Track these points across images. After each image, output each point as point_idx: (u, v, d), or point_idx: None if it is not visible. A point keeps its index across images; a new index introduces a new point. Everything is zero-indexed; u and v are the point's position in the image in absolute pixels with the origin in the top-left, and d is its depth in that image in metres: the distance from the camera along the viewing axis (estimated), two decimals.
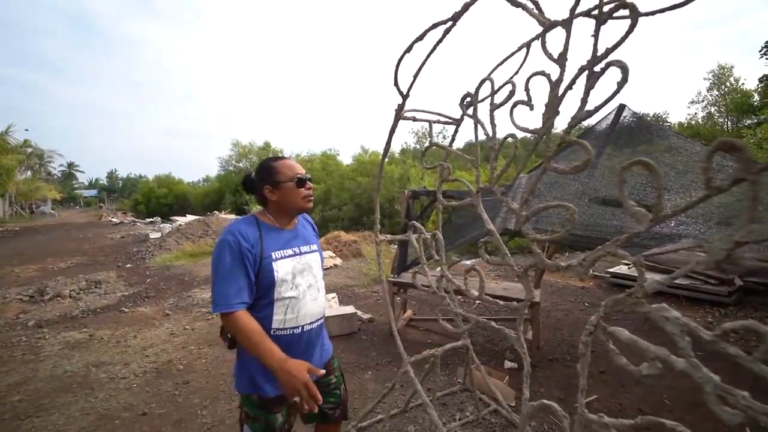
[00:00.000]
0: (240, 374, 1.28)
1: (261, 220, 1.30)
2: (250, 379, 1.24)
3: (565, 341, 3.54)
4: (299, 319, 1.28)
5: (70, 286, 5.70)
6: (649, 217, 0.99)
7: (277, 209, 1.32)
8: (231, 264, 1.17)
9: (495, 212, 2.72)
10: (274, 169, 1.29)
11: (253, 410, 1.26)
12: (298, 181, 1.28)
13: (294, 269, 1.29)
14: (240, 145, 26.11)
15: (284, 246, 1.29)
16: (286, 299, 1.25)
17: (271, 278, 1.22)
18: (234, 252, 1.18)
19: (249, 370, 1.25)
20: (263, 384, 1.23)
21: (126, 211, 30.51)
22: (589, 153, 1.11)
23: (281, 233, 1.31)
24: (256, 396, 1.25)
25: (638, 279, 1.02)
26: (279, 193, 1.28)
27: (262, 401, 1.24)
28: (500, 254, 1.55)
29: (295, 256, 1.30)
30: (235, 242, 1.18)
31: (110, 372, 3.00)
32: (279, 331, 1.24)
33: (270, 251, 1.24)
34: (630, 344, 1.01)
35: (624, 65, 1.04)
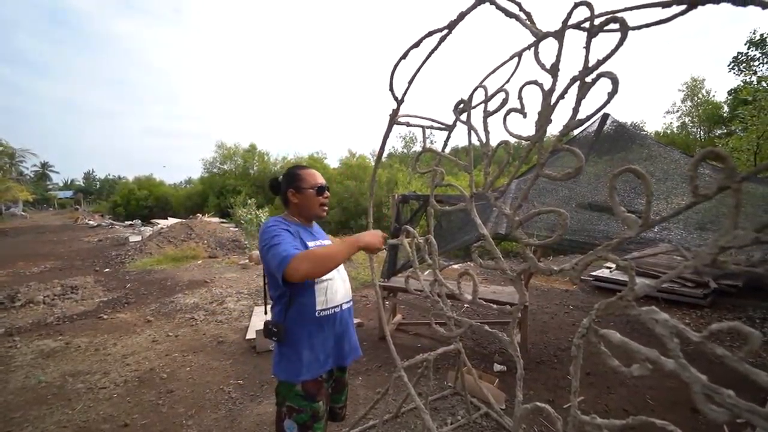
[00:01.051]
0: (282, 364, 1.36)
1: (287, 221, 1.44)
2: (298, 364, 1.32)
3: (551, 344, 3.61)
4: (337, 299, 1.43)
5: (44, 292, 5.45)
6: (639, 223, 1.02)
7: (297, 211, 1.49)
8: (284, 234, 1.30)
9: (485, 217, 2.76)
10: (299, 176, 1.47)
11: (298, 402, 1.33)
12: (318, 189, 1.47)
13: None
14: (225, 147, 25.63)
15: (311, 238, 1.47)
16: (324, 282, 1.39)
17: None
18: (282, 229, 1.32)
19: (297, 354, 1.33)
20: (314, 366, 1.34)
21: (104, 213, 29.44)
22: (581, 160, 1.15)
23: (306, 229, 1.49)
24: (300, 386, 1.32)
25: (629, 283, 1.05)
26: (300, 197, 1.46)
27: (307, 389, 1.33)
28: (493, 259, 1.57)
29: (322, 246, 1.46)
30: (277, 225, 1.34)
31: (88, 382, 2.88)
32: (323, 312, 1.38)
33: (306, 240, 1.40)
34: (621, 346, 1.04)
35: (614, 77, 1.08)
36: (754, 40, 10.85)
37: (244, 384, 2.82)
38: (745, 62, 11.11)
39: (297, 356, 1.33)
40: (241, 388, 2.76)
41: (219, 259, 8.53)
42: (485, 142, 1.55)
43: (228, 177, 24.17)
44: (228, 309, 4.72)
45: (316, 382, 1.35)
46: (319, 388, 1.36)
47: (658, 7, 1.05)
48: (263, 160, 25.23)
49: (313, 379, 1.34)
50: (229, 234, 11.10)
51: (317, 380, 1.36)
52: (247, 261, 7.96)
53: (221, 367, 3.11)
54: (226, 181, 23.66)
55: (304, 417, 1.32)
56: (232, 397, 2.62)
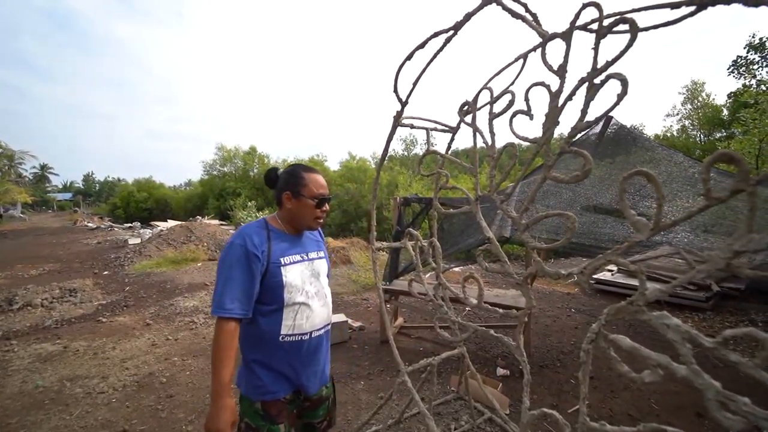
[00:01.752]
0: (244, 378, 1.25)
1: (271, 225, 1.29)
2: (258, 383, 1.21)
3: (554, 347, 3.58)
4: (308, 325, 1.26)
5: (42, 295, 5.41)
6: (650, 227, 1.01)
7: (288, 217, 1.32)
8: (235, 268, 1.15)
9: (489, 220, 2.75)
10: (301, 179, 1.29)
11: (256, 421, 1.20)
12: (318, 201, 1.30)
13: (303, 275, 1.28)
14: (225, 149, 25.62)
15: (292, 251, 1.28)
16: (295, 305, 1.24)
17: (278, 282, 1.21)
18: (240, 257, 1.16)
19: (257, 373, 1.21)
20: (274, 386, 1.22)
21: (103, 215, 29.38)
22: (589, 162, 1.13)
23: (289, 238, 1.31)
24: (259, 404, 1.21)
25: (639, 287, 1.03)
26: (295, 203, 1.29)
27: (267, 409, 1.21)
28: (499, 262, 1.55)
29: (303, 262, 1.30)
30: (242, 246, 1.17)
31: (87, 386, 2.84)
32: (287, 337, 1.23)
33: (278, 256, 1.23)
34: (632, 352, 1.02)
35: (624, 78, 1.06)
36: (753, 44, 10.90)
37: None
38: (744, 66, 11.15)
39: (256, 374, 1.22)
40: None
41: None
42: (491, 145, 1.53)
43: (228, 179, 24.15)
44: None
45: (276, 403, 1.22)
46: (280, 410, 1.23)
47: (667, 8, 1.04)
48: (263, 163, 25.21)
49: (275, 399, 1.22)
50: (229, 236, 11.07)
51: (278, 401, 1.23)
52: None
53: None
54: (226, 183, 23.65)
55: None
56: None
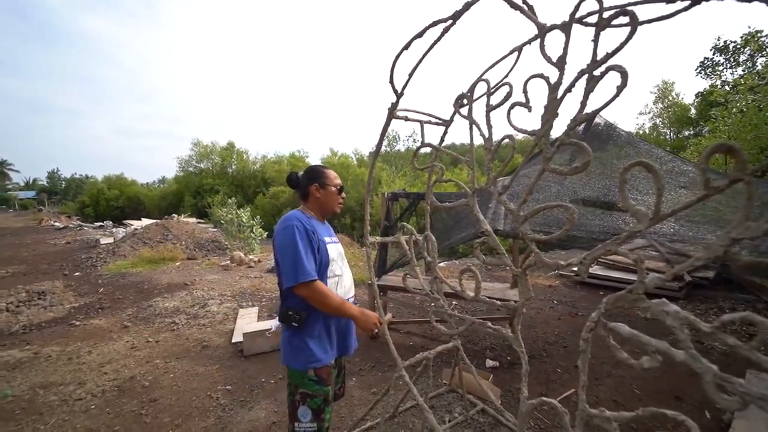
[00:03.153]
0: (294, 353, 1.43)
1: (306, 213, 1.54)
2: (311, 352, 1.41)
3: (539, 338, 3.67)
4: (345, 292, 1.54)
5: (7, 299, 5.08)
6: (649, 216, 1.03)
7: (317, 206, 1.58)
8: (303, 243, 1.39)
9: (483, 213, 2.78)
10: (324, 174, 1.59)
11: (311, 387, 1.42)
12: (340, 188, 1.62)
13: (336, 253, 1.56)
14: (201, 145, 24.79)
15: (327, 234, 1.57)
16: (336, 276, 1.51)
17: (326, 257, 1.47)
18: (303, 234, 1.40)
19: (312, 342, 1.42)
20: (324, 353, 1.45)
21: (71, 214, 27.86)
22: (588, 155, 1.15)
23: (322, 224, 1.58)
24: (312, 371, 1.41)
25: (638, 275, 1.06)
26: (324, 193, 1.57)
27: (320, 375, 1.42)
28: (496, 254, 1.56)
29: (334, 243, 1.58)
30: (301, 226, 1.41)
31: (62, 393, 2.69)
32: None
33: (323, 236, 1.50)
34: (631, 339, 1.04)
35: (624, 70, 1.08)
36: (718, 47, 11.48)
37: (233, 389, 2.71)
38: (711, 67, 11.74)
39: (310, 345, 1.42)
40: (230, 393, 2.65)
41: (198, 261, 8.23)
42: (488, 137, 1.53)
43: (205, 176, 23.42)
44: (211, 312, 4.55)
45: (326, 368, 1.45)
46: (329, 374, 1.47)
47: (662, 2, 1.06)
48: (242, 159, 24.59)
49: (325, 365, 1.44)
50: (209, 235, 10.75)
51: (327, 366, 1.46)
52: (229, 262, 7.72)
53: (207, 373, 2.98)
54: (203, 180, 22.92)
55: (318, 401, 1.42)
56: (221, 404, 2.51)
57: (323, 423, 1.43)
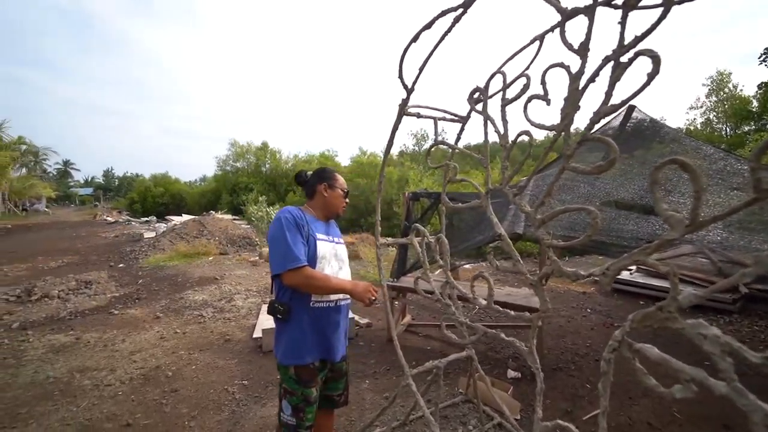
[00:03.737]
0: (278, 345, 1.48)
1: (305, 211, 1.57)
2: (292, 348, 1.43)
3: (568, 349, 3.44)
4: (332, 295, 1.50)
5: (59, 287, 5.54)
6: (686, 223, 0.89)
7: (322, 205, 1.62)
8: (291, 233, 1.41)
9: (501, 215, 2.62)
10: (334, 175, 1.66)
11: (291, 385, 1.44)
12: (346, 192, 1.68)
13: (330, 252, 1.54)
14: (237, 145, 25.91)
15: (323, 232, 1.57)
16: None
17: (314, 252, 1.46)
18: (291, 224, 1.43)
19: (292, 337, 1.44)
20: (304, 352, 1.44)
21: (121, 210, 30.15)
22: (614, 151, 1.02)
23: (320, 223, 1.60)
24: (292, 369, 1.43)
25: (671, 291, 0.91)
26: (331, 193, 1.62)
27: (299, 374, 1.43)
28: (511, 260, 1.44)
29: (330, 242, 1.57)
30: (290, 218, 1.45)
31: (95, 378, 2.86)
32: (317, 303, 1.47)
33: (315, 232, 1.51)
34: (661, 364, 0.91)
35: (656, 55, 0.94)
36: None
37: (249, 385, 2.75)
38: None
39: (290, 340, 1.44)
40: (245, 388, 2.70)
41: (230, 256, 8.57)
42: (503, 134, 1.42)
43: (241, 174, 24.44)
44: (236, 306, 4.69)
45: (307, 369, 1.44)
46: (311, 376, 1.45)
47: None
48: (275, 158, 25.41)
49: (304, 365, 1.43)
50: (241, 231, 11.16)
51: (308, 367, 1.44)
52: (257, 258, 7.96)
53: (226, 367, 3.06)
54: (238, 178, 23.93)
55: (296, 400, 1.42)
56: (236, 398, 2.56)
57: (302, 421, 1.42)
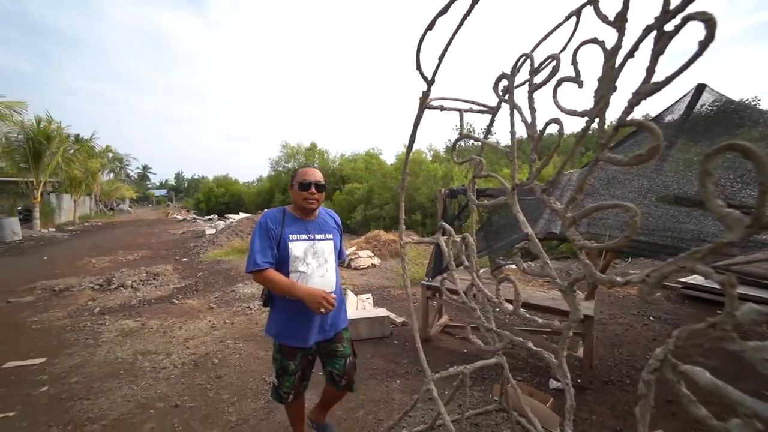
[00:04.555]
0: (270, 324, 1.74)
1: (287, 211, 1.74)
2: (276, 329, 1.70)
3: (624, 361, 3.09)
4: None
5: (132, 277, 6.25)
6: (746, 223, 0.73)
7: (293, 203, 1.77)
8: (261, 238, 1.61)
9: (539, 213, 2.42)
10: (294, 175, 1.76)
11: (275, 353, 1.74)
12: (299, 185, 1.70)
13: (306, 250, 1.68)
14: (288, 147, 27.20)
15: (300, 231, 1.69)
16: (297, 272, 1.64)
17: (286, 253, 1.63)
18: (262, 230, 1.63)
19: (276, 322, 1.70)
20: (285, 336, 1.69)
21: (189, 208, 33.31)
22: (657, 138, 0.87)
23: (300, 222, 1.72)
24: (277, 343, 1.72)
25: (727, 305, 0.76)
26: (292, 192, 1.76)
27: (281, 348, 1.70)
28: (541, 262, 1.31)
29: (308, 241, 1.69)
30: (264, 223, 1.65)
31: (154, 361, 3.17)
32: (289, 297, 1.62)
33: (288, 234, 1.66)
34: (714, 391, 0.75)
35: (710, 17, 0.79)
36: None
37: None
38: None
39: (274, 321, 1.72)
40: None
41: None
42: (530, 123, 1.29)
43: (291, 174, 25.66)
44: None
45: (287, 347, 1.69)
46: (291, 352, 1.69)
47: None
48: (323, 158, 26.26)
49: (284, 344, 1.69)
50: None
51: (288, 346, 1.69)
52: None
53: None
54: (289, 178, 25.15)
55: (277, 366, 1.72)
56: None
57: (281, 385, 1.72)
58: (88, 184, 19.75)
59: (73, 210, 19.61)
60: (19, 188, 14.56)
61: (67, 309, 4.74)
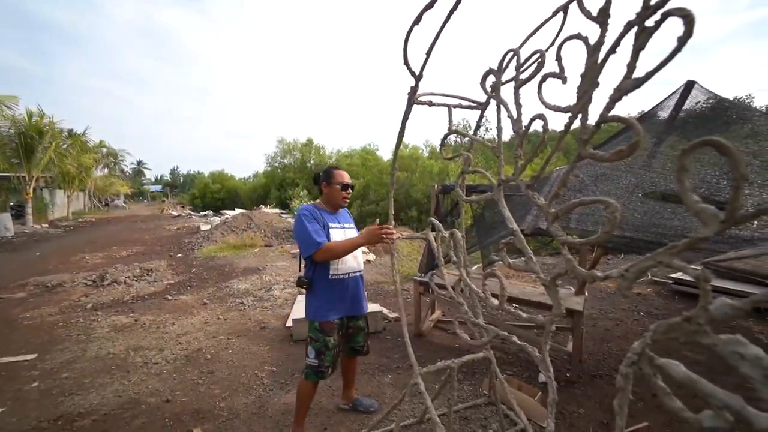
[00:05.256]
0: (310, 306, 1.95)
1: (319, 206, 2.01)
2: (317, 309, 1.92)
3: (612, 355, 3.13)
4: (346, 269, 1.97)
5: (126, 273, 6.21)
6: (720, 218, 0.74)
7: (327, 199, 2.03)
8: (310, 222, 1.85)
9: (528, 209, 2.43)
10: (332, 174, 2.00)
11: (315, 334, 1.92)
12: (342, 186, 2.00)
13: (341, 236, 1.96)
14: (285, 142, 27.03)
15: (333, 222, 1.99)
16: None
17: (328, 238, 1.88)
18: (309, 216, 1.88)
19: (317, 301, 1.92)
20: (327, 311, 1.92)
21: (184, 204, 33.08)
22: (638, 134, 0.88)
23: (331, 215, 2.02)
24: (317, 323, 1.91)
25: (701, 300, 0.77)
26: (329, 189, 2.00)
27: (322, 326, 1.91)
28: (526, 258, 1.32)
29: (341, 229, 2.00)
30: (307, 212, 1.91)
31: (146, 357, 3.17)
32: (334, 276, 1.94)
33: (328, 222, 1.94)
34: (688, 384, 0.77)
35: (688, 13, 0.79)
36: None
37: (277, 371, 2.87)
38: None
39: (316, 303, 1.93)
40: (273, 374, 2.82)
41: (273, 248, 9.02)
42: (516, 118, 1.29)
43: (288, 170, 25.50)
44: (274, 296, 4.92)
45: (329, 324, 1.92)
46: (331, 328, 1.93)
47: None
48: (319, 154, 26.15)
49: (326, 321, 1.91)
50: (285, 224, 11.69)
51: (330, 322, 1.92)
52: (298, 251, 8.29)
53: (259, 353, 3.22)
54: (286, 174, 25.00)
55: (319, 345, 1.91)
56: (264, 383, 2.68)
57: (323, 361, 1.90)
58: (82, 180, 19.57)
59: (66, 206, 19.43)
60: (11, 184, 14.39)
61: (59, 305, 4.71)
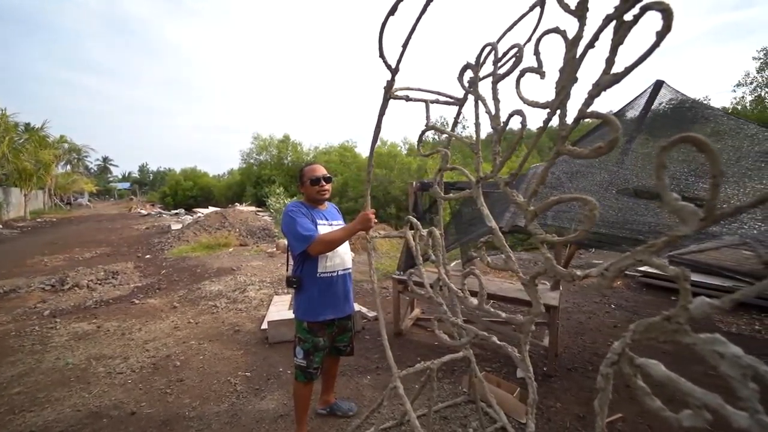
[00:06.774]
0: (299, 305, 1.89)
1: (305, 203, 1.96)
2: (307, 310, 1.87)
3: (587, 348, 3.22)
4: (335, 266, 1.90)
5: (89, 277, 5.84)
6: (700, 216, 0.73)
7: (307, 199, 1.99)
8: (300, 217, 1.81)
9: (506, 206, 2.44)
10: (302, 173, 1.98)
11: (304, 334, 1.88)
12: (311, 181, 1.93)
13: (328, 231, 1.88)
14: (260, 138, 26.32)
15: (321, 218, 1.93)
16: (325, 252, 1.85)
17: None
18: (297, 212, 1.83)
19: (308, 302, 1.86)
20: (316, 312, 1.87)
21: (154, 203, 31.63)
22: (616, 130, 0.86)
23: (317, 211, 1.96)
24: (306, 323, 1.87)
25: (680, 298, 0.76)
26: (304, 188, 1.98)
27: (311, 327, 1.87)
28: (504, 255, 1.29)
29: (327, 225, 1.93)
30: (296, 208, 1.86)
31: (109, 366, 2.97)
32: (323, 274, 1.87)
33: (315, 219, 1.88)
34: (667, 383, 0.76)
35: (666, 7, 0.77)
36: None
37: (251, 376, 2.76)
38: None
39: (305, 303, 1.87)
40: (247, 380, 2.71)
41: (249, 247, 8.75)
42: (494, 114, 1.26)
43: (264, 167, 24.87)
44: (248, 297, 4.76)
45: (317, 324, 1.87)
46: (320, 328, 1.89)
47: None
48: (296, 150, 25.66)
49: (315, 321, 1.86)
50: (261, 223, 11.38)
51: (318, 322, 1.87)
52: (275, 249, 8.08)
53: (233, 357, 3.09)
54: (262, 171, 24.38)
55: (308, 346, 1.88)
56: (237, 390, 2.57)
57: (311, 362, 1.88)
58: (41, 177, 18.34)
59: (23, 205, 18.13)
60: None
61: (11, 313, 4.35)
